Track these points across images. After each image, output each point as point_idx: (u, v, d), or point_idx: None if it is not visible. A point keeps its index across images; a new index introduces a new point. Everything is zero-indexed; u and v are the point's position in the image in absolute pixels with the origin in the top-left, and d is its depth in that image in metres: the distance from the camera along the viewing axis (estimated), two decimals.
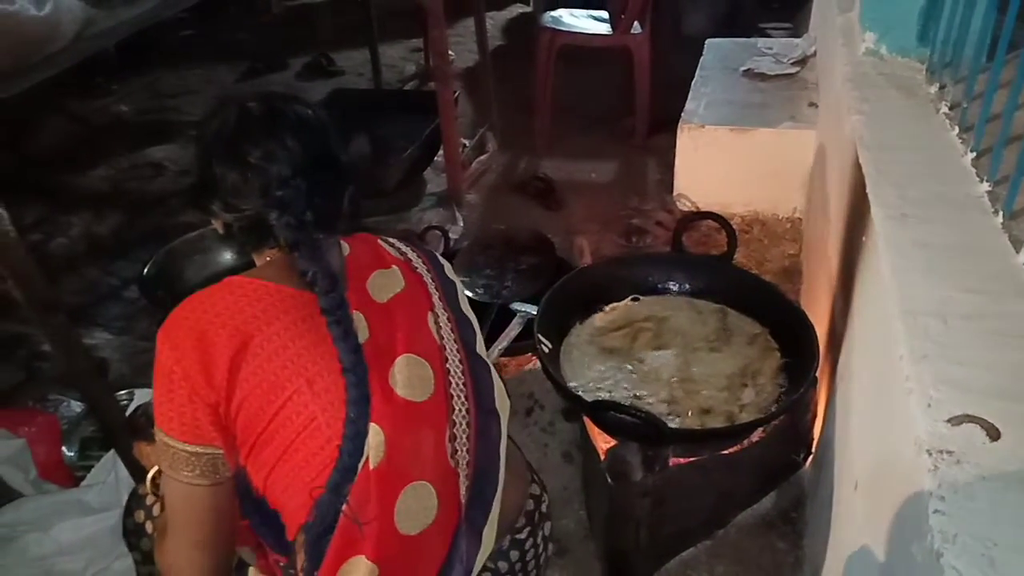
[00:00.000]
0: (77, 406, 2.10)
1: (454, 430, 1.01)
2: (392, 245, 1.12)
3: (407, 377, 0.98)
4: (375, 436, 0.93)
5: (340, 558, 0.92)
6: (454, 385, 1.04)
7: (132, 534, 1.25)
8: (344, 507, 0.92)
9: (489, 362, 1.13)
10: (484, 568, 1.08)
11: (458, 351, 1.07)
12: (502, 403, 1.11)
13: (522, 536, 1.16)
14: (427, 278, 1.10)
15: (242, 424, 0.92)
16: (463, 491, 1.01)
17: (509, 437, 1.15)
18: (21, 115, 3.55)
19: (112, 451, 1.83)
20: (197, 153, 1.02)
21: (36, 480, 1.83)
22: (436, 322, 1.06)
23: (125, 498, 1.32)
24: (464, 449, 1.02)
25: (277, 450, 0.93)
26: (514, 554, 1.15)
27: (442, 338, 1.05)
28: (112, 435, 1.79)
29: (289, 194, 0.96)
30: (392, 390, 0.97)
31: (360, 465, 0.92)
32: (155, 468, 1.13)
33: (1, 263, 1.47)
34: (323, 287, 0.94)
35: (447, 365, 1.04)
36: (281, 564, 1.03)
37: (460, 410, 1.03)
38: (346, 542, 0.92)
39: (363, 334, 0.97)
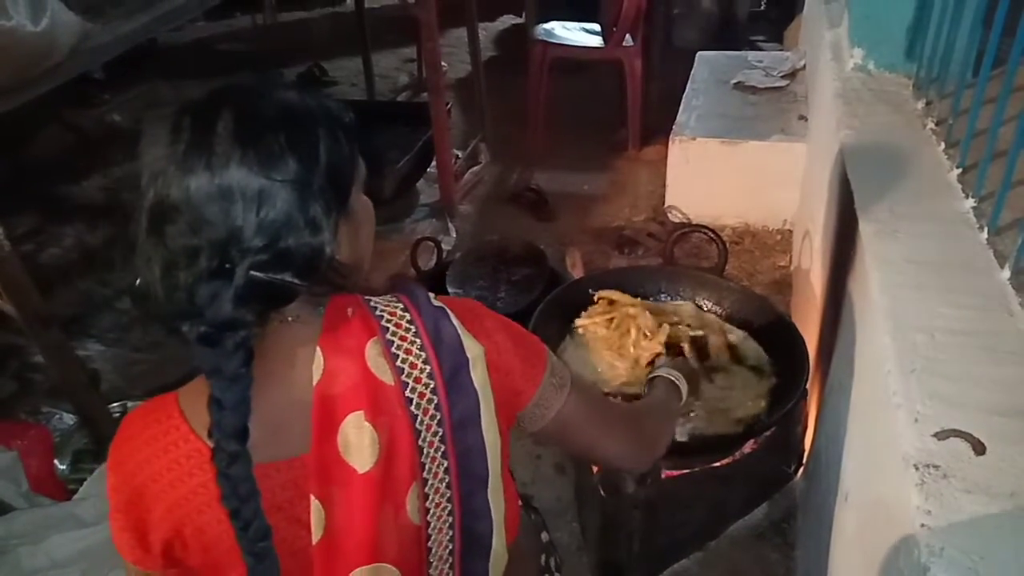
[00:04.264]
0: (69, 418, 2.10)
1: None
2: (386, 329, 0.79)
3: None
4: None
5: None
6: None
7: None
8: None
9: (494, 517, 0.86)
10: None
11: (452, 538, 0.84)
12: None
13: None
14: (424, 405, 0.78)
15: None
16: None
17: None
18: (16, 125, 3.55)
19: (105, 464, 1.82)
20: None
21: (28, 493, 1.82)
22: (421, 495, 0.80)
23: None
24: None
25: None
26: None
27: (428, 514, 0.81)
28: (105, 447, 1.79)
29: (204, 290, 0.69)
30: None
31: None
32: None
33: None
34: (220, 450, 0.70)
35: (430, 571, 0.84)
36: None
37: None
38: None
39: (318, 530, 0.76)
